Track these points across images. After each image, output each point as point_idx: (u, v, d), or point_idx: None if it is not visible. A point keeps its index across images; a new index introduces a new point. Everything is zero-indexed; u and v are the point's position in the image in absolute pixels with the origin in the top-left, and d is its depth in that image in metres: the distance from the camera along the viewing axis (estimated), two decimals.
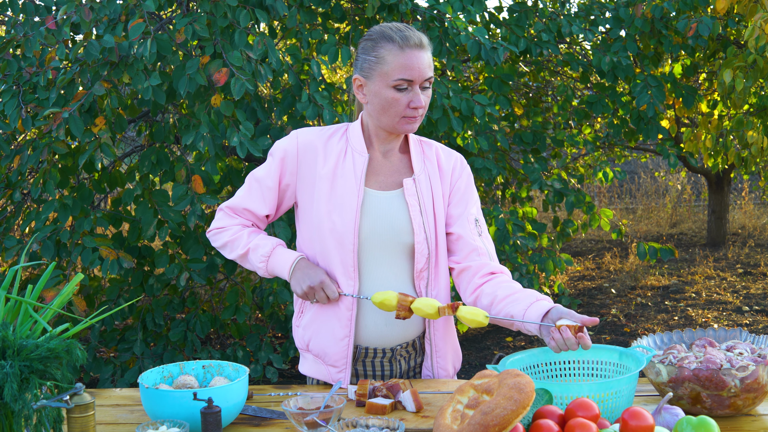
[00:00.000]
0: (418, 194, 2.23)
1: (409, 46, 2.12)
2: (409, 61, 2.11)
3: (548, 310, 2.02)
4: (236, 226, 2.30)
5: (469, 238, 2.24)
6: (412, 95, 2.13)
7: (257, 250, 2.25)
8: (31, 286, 1.92)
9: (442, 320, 2.28)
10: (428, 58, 2.15)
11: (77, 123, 3.52)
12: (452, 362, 2.34)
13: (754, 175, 11.57)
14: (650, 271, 8.35)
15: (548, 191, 4.84)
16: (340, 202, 2.19)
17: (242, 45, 3.65)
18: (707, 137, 6.11)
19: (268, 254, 2.23)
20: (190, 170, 3.89)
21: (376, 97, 2.16)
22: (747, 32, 4.27)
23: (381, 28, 2.17)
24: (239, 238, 2.28)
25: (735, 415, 1.91)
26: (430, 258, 2.23)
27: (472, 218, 2.28)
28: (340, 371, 2.24)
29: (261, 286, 4.68)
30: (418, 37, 2.14)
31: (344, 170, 2.21)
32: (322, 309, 2.25)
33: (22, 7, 4.01)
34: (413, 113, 2.15)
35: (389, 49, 2.12)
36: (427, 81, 2.15)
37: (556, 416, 1.68)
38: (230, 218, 2.32)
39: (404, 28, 2.15)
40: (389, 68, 2.12)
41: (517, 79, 5.76)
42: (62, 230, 3.81)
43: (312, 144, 2.24)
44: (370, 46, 2.15)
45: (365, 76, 2.17)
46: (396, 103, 2.13)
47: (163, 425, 1.76)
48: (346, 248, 2.18)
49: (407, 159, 2.28)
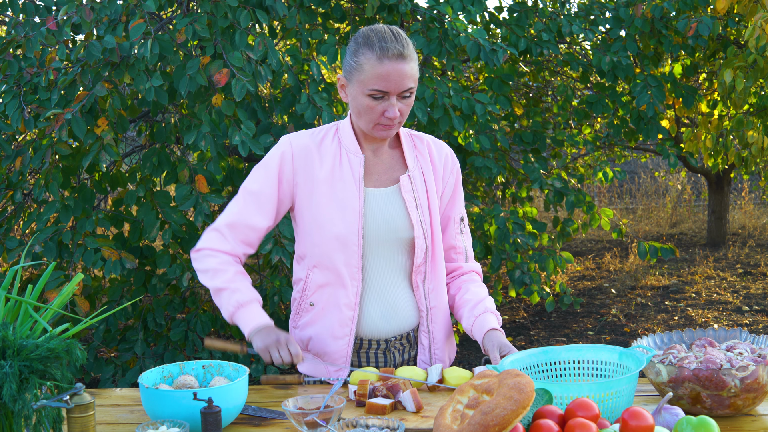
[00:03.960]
0: (413, 190, 2.23)
1: (388, 57, 2.08)
2: (385, 72, 2.08)
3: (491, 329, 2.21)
4: (227, 256, 2.22)
5: (450, 237, 2.34)
6: (387, 105, 2.11)
7: (235, 293, 2.18)
8: (31, 286, 1.92)
9: (440, 311, 2.32)
10: (409, 69, 2.11)
11: (80, 124, 3.52)
12: (448, 354, 2.39)
13: (754, 175, 11.56)
14: (650, 271, 8.35)
15: (548, 191, 4.84)
16: (341, 205, 2.18)
17: (243, 45, 3.65)
18: (707, 137, 6.11)
19: (243, 303, 2.18)
20: (192, 170, 3.89)
21: (354, 100, 2.16)
22: (747, 32, 4.27)
23: (367, 32, 2.14)
24: (224, 271, 2.20)
25: (735, 415, 1.91)
26: (428, 252, 2.25)
27: (458, 217, 2.34)
28: (339, 369, 2.25)
29: (262, 285, 4.68)
30: (399, 48, 2.09)
31: (342, 172, 2.21)
32: (322, 310, 2.25)
33: (23, 7, 4.01)
34: (388, 122, 2.14)
35: (368, 58, 2.09)
36: (407, 91, 2.12)
37: (556, 416, 1.68)
38: (222, 241, 2.22)
39: (388, 37, 2.10)
40: (365, 77, 2.10)
41: (517, 79, 5.76)
42: (64, 231, 3.81)
43: (307, 147, 2.22)
44: (353, 50, 2.14)
45: (347, 77, 2.17)
46: (370, 110, 2.12)
47: (163, 425, 1.76)
48: (350, 250, 2.18)
49: (399, 154, 2.28)
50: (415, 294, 2.28)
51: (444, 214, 2.33)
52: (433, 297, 2.29)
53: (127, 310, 4.33)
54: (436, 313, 2.30)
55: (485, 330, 2.21)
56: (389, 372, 2.10)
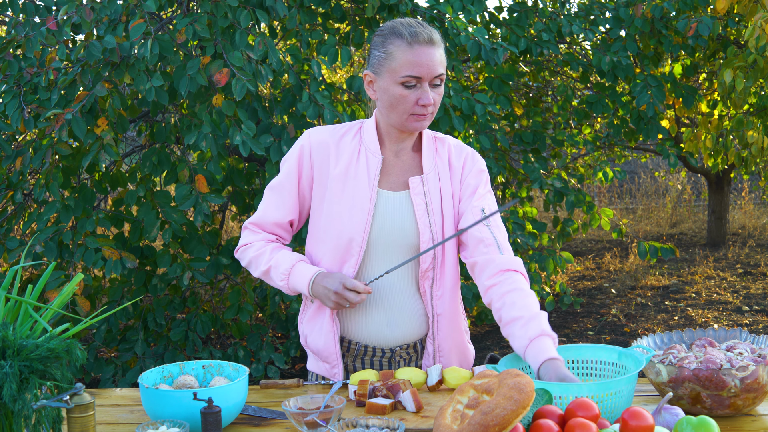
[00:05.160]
0: (425, 192, 2.19)
1: (418, 43, 2.07)
2: (417, 57, 2.07)
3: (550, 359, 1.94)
4: (260, 241, 2.25)
5: (474, 230, 2.18)
6: (421, 92, 2.09)
7: (278, 267, 2.20)
8: (32, 286, 1.92)
9: (446, 319, 2.25)
10: (439, 55, 2.10)
11: (80, 124, 3.52)
12: (458, 361, 2.31)
13: (754, 175, 11.57)
14: (650, 271, 8.35)
15: (548, 191, 4.84)
16: (351, 203, 2.16)
17: (243, 45, 3.65)
18: (707, 137, 6.11)
19: (288, 271, 2.18)
20: (192, 170, 3.89)
21: (384, 93, 2.12)
22: (747, 32, 4.27)
23: (392, 23, 2.12)
24: (261, 255, 2.23)
25: (735, 415, 1.91)
26: (436, 258, 2.20)
27: (477, 209, 2.20)
28: (334, 367, 2.25)
29: (262, 285, 4.69)
30: (429, 33, 2.09)
31: (357, 171, 2.18)
32: (319, 307, 2.25)
33: (23, 7, 4.01)
34: (422, 110, 2.11)
35: (398, 45, 2.08)
36: (437, 78, 2.10)
37: (556, 416, 1.68)
38: (254, 234, 2.28)
39: (415, 24, 2.10)
40: (397, 64, 2.07)
41: (517, 79, 5.76)
42: (64, 231, 3.81)
43: (325, 143, 2.21)
44: (380, 42, 2.12)
45: (375, 72, 2.13)
46: (404, 100, 2.09)
47: (163, 425, 1.76)
48: (352, 251, 2.16)
49: (418, 158, 2.24)
50: (423, 300, 2.23)
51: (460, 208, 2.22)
52: (440, 304, 2.23)
53: (128, 310, 4.33)
54: (442, 320, 2.24)
55: (542, 360, 1.95)
56: (389, 374, 2.10)
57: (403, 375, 2.11)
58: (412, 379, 2.11)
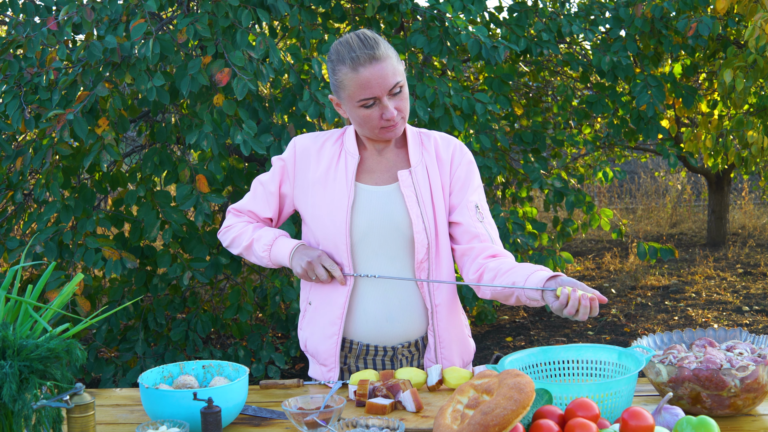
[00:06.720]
0: (414, 185, 2.21)
1: (362, 65, 2.07)
2: (365, 80, 2.07)
3: (553, 276, 2.02)
4: (242, 222, 2.34)
5: (470, 226, 2.22)
6: (382, 108, 2.11)
7: (260, 240, 2.27)
8: (32, 286, 1.93)
9: (445, 309, 2.27)
10: (387, 67, 2.09)
11: (81, 124, 3.52)
12: (459, 354, 2.32)
13: (754, 175, 11.57)
14: (650, 271, 8.35)
15: (548, 191, 4.84)
16: (330, 203, 2.20)
17: (244, 45, 3.65)
18: (707, 137, 6.11)
19: (271, 243, 2.25)
20: (193, 170, 3.89)
21: (350, 114, 2.18)
22: (747, 32, 4.27)
23: (337, 47, 2.13)
24: (244, 233, 2.31)
25: (735, 415, 1.91)
26: (430, 248, 2.22)
27: (472, 205, 2.24)
28: (330, 370, 2.25)
29: (262, 285, 4.69)
30: (370, 51, 2.07)
31: (336, 173, 2.22)
32: (318, 308, 2.26)
33: (23, 7, 4.01)
34: (388, 123, 2.14)
35: (345, 73, 2.10)
36: (394, 87, 2.10)
37: (556, 416, 1.68)
38: (237, 217, 2.37)
39: (356, 45, 2.09)
40: (350, 91, 2.11)
41: (517, 78, 5.77)
42: (65, 231, 3.81)
43: (307, 150, 2.27)
44: (331, 70, 2.15)
45: (337, 96, 2.18)
46: (369, 118, 2.13)
47: (163, 425, 1.76)
48: (339, 249, 2.19)
49: (404, 153, 2.27)
50: (421, 291, 2.24)
51: (452, 201, 2.26)
52: (437, 294, 2.25)
53: (128, 310, 4.33)
54: (441, 311, 2.26)
55: (547, 277, 2.02)
56: (389, 374, 2.10)
57: (403, 375, 2.11)
58: (412, 379, 2.11)
